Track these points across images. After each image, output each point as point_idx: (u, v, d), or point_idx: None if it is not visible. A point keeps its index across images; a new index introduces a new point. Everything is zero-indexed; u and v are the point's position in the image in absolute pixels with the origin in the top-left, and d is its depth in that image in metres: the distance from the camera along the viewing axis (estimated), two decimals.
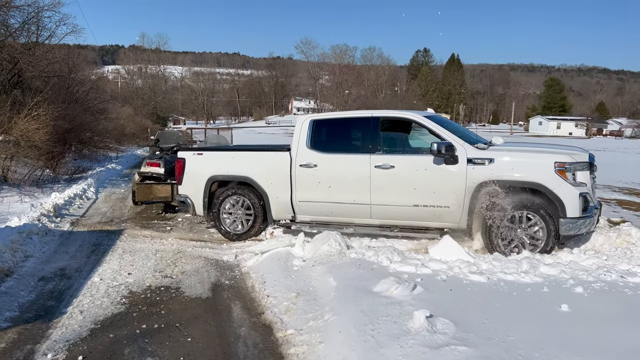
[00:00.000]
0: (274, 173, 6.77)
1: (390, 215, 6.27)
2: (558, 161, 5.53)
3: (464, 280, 4.52)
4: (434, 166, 5.89)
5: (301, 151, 6.62)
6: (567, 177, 5.50)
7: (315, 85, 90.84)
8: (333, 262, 5.20)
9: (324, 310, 3.98)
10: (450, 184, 5.84)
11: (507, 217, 5.59)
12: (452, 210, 5.91)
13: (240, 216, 7.11)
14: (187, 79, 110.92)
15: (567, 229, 5.48)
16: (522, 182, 5.59)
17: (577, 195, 5.46)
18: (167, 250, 6.53)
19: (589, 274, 4.59)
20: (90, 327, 4.07)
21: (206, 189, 7.15)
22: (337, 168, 6.41)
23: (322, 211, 6.63)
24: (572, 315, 3.65)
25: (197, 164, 7.27)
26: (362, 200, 6.28)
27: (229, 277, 5.41)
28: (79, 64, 23.50)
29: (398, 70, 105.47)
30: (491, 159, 5.71)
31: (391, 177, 6.09)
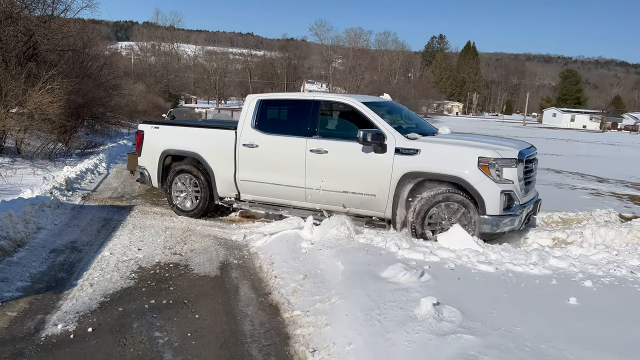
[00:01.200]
0: (219, 151, 6.89)
1: (324, 200, 6.29)
2: (482, 156, 5.39)
3: (472, 270, 4.51)
4: (363, 154, 5.88)
5: (245, 130, 6.72)
6: (490, 173, 5.37)
7: (328, 68, 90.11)
8: (341, 246, 5.20)
9: (331, 293, 4.00)
10: (377, 173, 5.83)
11: (429, 210, 5.56)
12: (378, 199, 5.91)
13: (190, 193, 7.28)
14: (200, 57, 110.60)
15: (486, 226, 5.40)
16: (445, 176, 5.52)
17: (499, 193, 5.34)
18: (177, 228, 6.58)
19: (598, 268, 4.56)
20: (100, 300, 4.13)
21: (160, 163, 7.40)
22: (276, 150, 6.50)
23: (262, 191, 6.75)
24: (580, 309, 3.64)
25: (153, 137, 7.51)
26: (298, 184, 6.34)
27: (238, 257, 5.44)
28: (93, 38, 23.48)
29: (412, 56, 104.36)
30: (417, 149, 5.65)
31: (324, 162, 6.12)
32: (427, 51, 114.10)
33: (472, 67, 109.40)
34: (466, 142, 5.86)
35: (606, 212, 7.42)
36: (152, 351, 3.31)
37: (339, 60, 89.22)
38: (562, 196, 10.69)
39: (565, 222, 7.27)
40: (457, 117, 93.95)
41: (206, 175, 7.06)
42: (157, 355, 3.26)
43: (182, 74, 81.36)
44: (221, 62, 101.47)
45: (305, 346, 3.28)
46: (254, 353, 3.32)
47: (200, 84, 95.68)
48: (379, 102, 6.70)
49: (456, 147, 5.72)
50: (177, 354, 3.28)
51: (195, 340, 3.48)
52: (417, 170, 5.63)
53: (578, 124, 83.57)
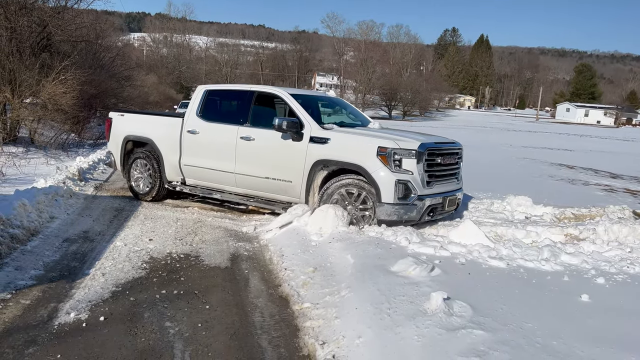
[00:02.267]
0: (167, 137, 7.33)
1: (249, 186, 6.68)
2: (381, 146, 5.62)
3: (483, 265, 4.49)
4: (282, 141, 6.23)
5: (191, 118, 7.15)
6: (388, 163, 5.55)
7: (340, 61, 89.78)
8: (351, 239, 5.20)
9: (341, 286, 4.00)
10: (293, 160, 6.17)
11: (335, 195, 5.87)
12: (294, 185, 6.24)
13: (145, 177, 7.68)
14: (212, 49, 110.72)
15: (381, 214, 5.63)
16: (347, 163, 5.84)
17: (394, 182, 5.52)
18: (188, 219, 6.62)
19: (611, 265, 4.52)
20: (111, 289, 4.17)
21: (122, 147, 7.90)
22: (212, 136, 6.93)
23: (201, 176, 7.16)
24: (592, 306, 3.61)
25: (119, 123, 8.04)
26: (229, 169, 6.73)
27: (248, 249, 5.47)
28: (106, 29, 23.60)
29: (424, 49, 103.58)
30: (328, 138, 5.96)
31: (251, 148, 6.52)
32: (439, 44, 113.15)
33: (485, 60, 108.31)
34: (371, 133, 6.16)
35: (620, 209, 7.34)
36: (162, 341, 3.34)
37: (350, 53, 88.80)
38: (575, 192, 10.59)
39: (578, 219, 7.20)
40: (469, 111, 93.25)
41: (155, 160, 7.50)
42: (168, 345, 3.28)
43: (194, 65, 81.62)
44: (232, 54, 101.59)
45: (315, 338, 3.29)
46: (263, 344, 3.34)
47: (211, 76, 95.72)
48: (309, 95, 7.20)
49: (360, 137, 6.05)
50: (188, 344, 3.30)
51: (205, 330, 3.51)
52: (326, 157, 5.96)
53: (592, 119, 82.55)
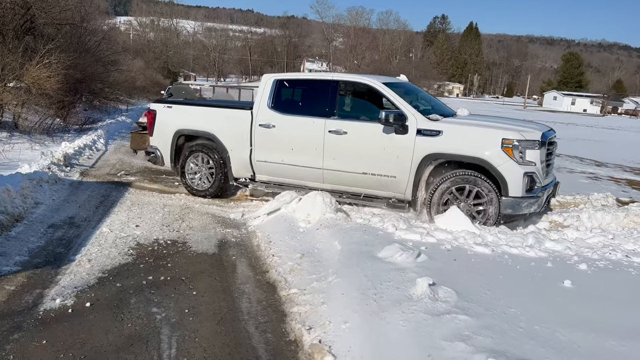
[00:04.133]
0: (235, 131, 6.75)
1: (341, 182, 6.24)
2: (505, 137, 5.35)
3: (468, 251, 4.54)
4: (383, 135, 5.80)
5: (262, 111, 6.57)
6: (514, 155, 5.33)
7: (329, 47, 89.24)
8: (339, 225, 5.22)
9: (328, 272, 4.02)
10: (398, 154, 5.76)
11: (450, 192, 5.55)
12: (398, 181, 5.86)
13: (204, 173, 7.16)
14: (199, 34, 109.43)
15: (508, 208, 5.39)
16: (467, 157, 5.48)
17: (522, 175, 5.32)
18: (175, 205, 6.59)
19: (594, 251, 4.59)
20: (98, 275, 4.15)
21: (173, 142, 7.22)
22: (294, 130, 6.36)
23: (278, 172, 6.64)
24: (575, 291, 3.67)
25: (166, 116, 7.31)
26: (315, 165, 6.26)
27: (235, 235, 5.46)
28: (91, 13, 23.14)
29: (414, 36, 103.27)
30: (440, 131, 5.58)
31: (344, 143, 6.03)
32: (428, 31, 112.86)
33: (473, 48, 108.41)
34: (489, 124, 5.85)
35: (603, 196, 7.46)
36: (149, 327, 3.34)
37: (339, 39, 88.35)
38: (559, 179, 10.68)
39: (563, 206, 7.30)
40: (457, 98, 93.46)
41: (221, 156, 6.93)
42: (155, 331, 3.29)
43: (181, 50, 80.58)
44: (220, 39, 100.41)
45: (302, 324, 3.31)
46: (250, 330, 3.36)
47: (199, 61, 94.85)
48: (397, 83, 6.58)
49: (479, 128, 5.69)
50: (175, 330, 3.31)
51: (192, 316, 3.52)
52: (439, 151, 5.58)
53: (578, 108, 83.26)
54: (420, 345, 2.81)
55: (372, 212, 5.98)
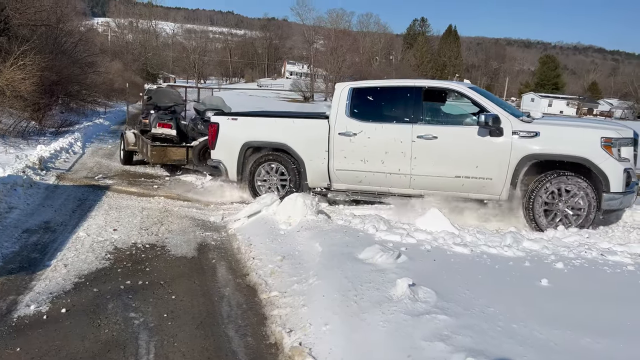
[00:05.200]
0: (311, 140, 6.64)
1: (430, 186, 6.20)
2: (604, 136, 5.52)
3: (447, 252, 4.58)
4: (478, 138, 5.85)
5: (340, 119, 6.48)
6: (613, 153, 5.50)
7: (310, 49, 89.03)
8: (319, 227, 5.22)
9: (309, 274, 4.01)
10: (494, 156, 5.82)
11: (549, 191, 5.66)
12: (494, 182, 5.90)
13: (274, 183, 6.98)
14: (179, 36, 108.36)
15: (609, 203, 5.52)
16: (567, 156, 5.60)
17: (622, 171, 5.48)
18: (154, 209, 6.51)
19: (570, 250, 4.67)
20: (74, 280, 4.07)
21: (240, 155, 7.00)
22: (378, 137, 6.28)
23: (359, 180, 6.52)
24: (552, 290, 3.73)
25: (231, 129, 7.11)
26: (402, 170, 6.21)
27: (215, 238, 5.42)
28: (67, 14, 22.76)
29: (394, 39, 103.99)
30: (537, 132, 5.69)
31: (433, 147, 6.04)
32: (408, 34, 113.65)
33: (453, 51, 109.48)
34: (584, 124, 6.10)
35: None
36: (127, 332, 3.29)
37: (320, 41, 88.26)
38: None
39: None
40: None
41: (294, 166, 6.79)
42: (132, 336, 3.24)
43: (161, 52, 79.82)
44: (200, 41, 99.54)
45: (282, 327, 3.29)
46: (230, 333, 3.33)
47: (179, 63, 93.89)
48: (477, 88, 6.61)
49: (577, 128, 5.90)
50: (153, 335, 3.26)
51: (171, 321, 3.47)
52: (538, 152, 5.67)
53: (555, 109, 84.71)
54: (400, 346, 2.82)
55: (352, 214, 6.01)
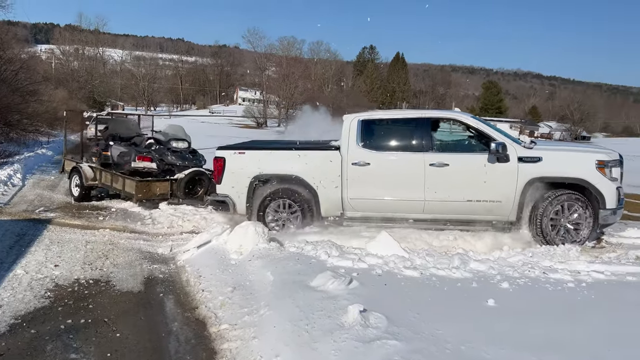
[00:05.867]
0: (325, 171, 6.73)
1: (443, 210, 6.47)
2: (598, 159, 6.17)
3: (398, 275, 4.63)
4: (488, 164, 6.26)
5: (352, 150, 6.65)
6: (606, 173, 6.13)
7: (262, 76, 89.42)
8: (272, 256, 5.17)
9: (260, 305, 3.95)
10: (502, 181, 6.24)
11: (554, 209, 6.13)
12: (503, 205, 6.30)
13: (286, 216, 6.87)
14: (128, 62, 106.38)
15: (605, 218, 6.12)
16: (568, 178, 6.16)
17: (615, 189, 6.12)
18: (99, 242, 6.27)
19: (514, 270, 4.83)
20: (9, 322, 3.83)
21: (250, 188, 6.90)
22: (391, 166, 6.56)
23: (374, 207, 6.66)
24: (498, 310, 3.83)
25: (239, 163, 7.01)
26: (416, 197, 6.44)
27: (163, 271, 5.26)
28: (7, 41, 21.99)
29: (345, 66, 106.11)
30: (540, 157, 6.22)
31: (445, 174, 6.35)
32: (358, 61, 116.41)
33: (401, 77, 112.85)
34: (578, 148, 6.73)
35: None
36: None
37: (272, 68, 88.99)
38: None
39: None
40: None
41: (309, 197, 6.75)
42: None
43: (108, 79, 77.96)
44: (150, 68, 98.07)
45: None
46: None
47: (127, 90, 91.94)
48: (477, 117, 7.04)
49: (574, 152, 6.53)
50: None
51: None
52: (542, 175, 6.16)
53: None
54: None
55: (305, 240, 5.98)
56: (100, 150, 9.65)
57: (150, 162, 8.85)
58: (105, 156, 9.54)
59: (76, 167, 9.40)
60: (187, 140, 9.53)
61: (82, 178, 9.14)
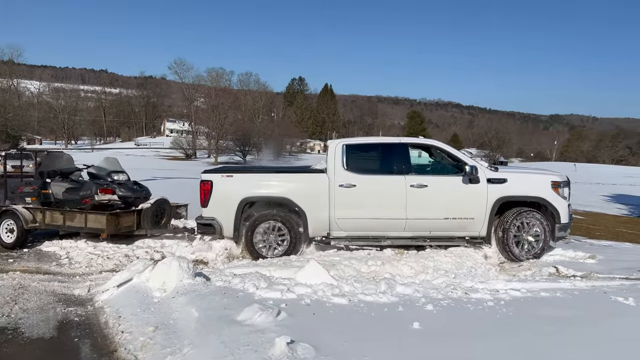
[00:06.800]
0: (312, 193, 7.10)
1: (423, 228, 7.07)
2: (553, 180, 7.04)
3: (327, 303, 4.62)
4: (462, 185, 6.95)
5: (338, 172, 7.10)
6: (559, 192, 6.99)
7: (190, 107, 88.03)
8: (197, 291, 4.99)
9: (183, 343, 3.78)
10: (474, 200, 6.93)
11: (517, 225, 6.87)
12: (475, 221, 6.98)
13: (274, 237, 7.13)
14: (46, 94, 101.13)
15: (560, 231, 6.98)
16: (529, 197, 6.97)
17: (567, 206, 7.02)
18: (7, 286, 5.77)
19: (438, 291, 4.98)
20: None
21: (238, 211, 7.10)
22: (375, 188, 7.05)
23: (360, 226, 7.13)
24: (422, 332, 3.90)
25: (227, 185, 7.21)
26: (399, 216, 6.98)
27: (80, 314, 4.92)
28: None
29: (275, 97, 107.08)
30: (505, 178, 6.99)
31: (425, 194, 6.94)
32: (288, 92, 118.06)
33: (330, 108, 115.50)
34: (535, 171, 7.41)
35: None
36: None
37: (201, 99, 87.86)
38: None
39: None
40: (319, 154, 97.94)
41: (298, 218, 7.07)
42: None
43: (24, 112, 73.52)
44: (70, 100, 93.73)
45: None
46: None
47: (45, 123, 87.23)
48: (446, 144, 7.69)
49: (533, 175, 7.22)
50: None
51: None
52: (508, 194, 6.92)
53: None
54: None
55: (232, 274, 5.84)
56: (39, 188, 8.75)
57: (112, 194, 8.37)
58: (46, 195, 8.77)
59: (8, 210, 8.38)
60: (125, 172, 9.14)
61: (19, 222, 8.17)
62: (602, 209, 22.60)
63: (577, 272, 6.04)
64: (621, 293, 4.99)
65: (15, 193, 8.85)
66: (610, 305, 4.66)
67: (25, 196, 8.70)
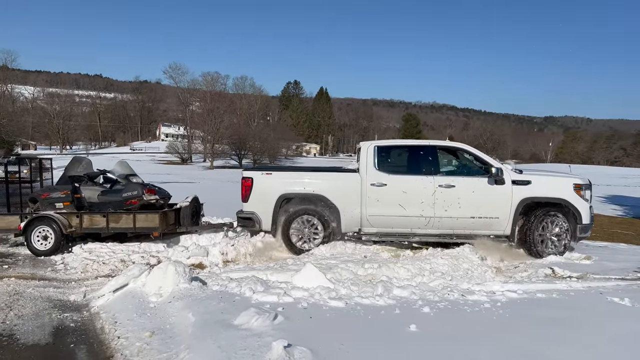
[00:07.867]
0: (346, 191, 7.60)
1: (450, 226, 7.46)
2: (575, 183, 7.37)
3: (323, 307, 4.61)
4: (488, 186, 7.33)
5: (370, 172, 7.58)
6: (581, 195, 7.31)
7: (185, 111, 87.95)
8: (193, 296, 4.98)
9: (180, 348, 3.77)
10: (500, 200, 7.31)
11: (541, 224, 7.24)
12: (500, 220, 7.37)
13: (309, 231, 7.63)
14: (40, 100, 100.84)
15: (581, 232, 7.27)
16: (552, 198, 7.31)
17: (589, 208, 7.34)
18: (2, 292, 5.73)
19: (435, 294, 4.98)
20: None
21: (276, 206, 7.66)
22: (404, 187, 7.44)
23: (389, 224, 7.56)
24: (419, 334, 3.91)
25: (267, 182, 7.77)
26: (427, 214, 7.39)
27: (76, 319, 4.89)
28: None
29: (270, 100, 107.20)
30: (529, 180, 7.34)
31: (452, 194, 7.34)
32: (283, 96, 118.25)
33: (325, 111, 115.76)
34: (559, 174, 7.87)
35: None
36: None
37: (196, 103, 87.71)
38: None
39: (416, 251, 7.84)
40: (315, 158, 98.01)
41: (331, 214, 7.56)
42: None
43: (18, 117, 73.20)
44: (65, 105, 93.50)
45: None
46: None
47: (40, 128, 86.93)
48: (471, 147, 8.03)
49: (556, 177, 7.63)
50: None
51: None
52: (532, 196, 7.29)
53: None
54: None
55: (229, 278, 5.83)
56: (71, 193, 8.62)
57: (154, 194, 8.62)
58: (78, 199, 8.69)
59: (44, 216, 8.10)
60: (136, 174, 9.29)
61: (57, 228, 7.97)
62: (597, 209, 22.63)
63: (573, 273, 6.08)
64: (617, 294, 5.02)
65: (40, 200, 8.68)
66: (606, 306, 4.69)
67: (54, 202, 8.50)
